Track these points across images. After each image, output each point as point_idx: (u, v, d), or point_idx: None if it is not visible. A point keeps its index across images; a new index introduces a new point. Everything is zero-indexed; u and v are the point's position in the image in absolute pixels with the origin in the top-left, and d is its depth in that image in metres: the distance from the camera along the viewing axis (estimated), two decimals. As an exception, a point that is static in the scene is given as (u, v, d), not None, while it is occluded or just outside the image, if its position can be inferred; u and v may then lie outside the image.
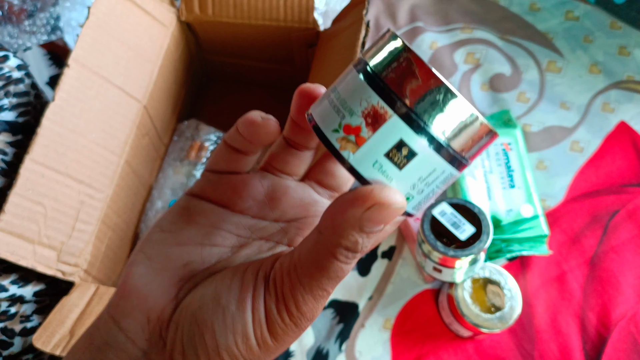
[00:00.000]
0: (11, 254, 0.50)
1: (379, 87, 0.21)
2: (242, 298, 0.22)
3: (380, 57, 0.22)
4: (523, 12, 0.78)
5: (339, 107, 0.22)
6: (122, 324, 0.23)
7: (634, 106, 0.70)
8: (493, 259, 0.62)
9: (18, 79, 0.61)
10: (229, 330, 0.22)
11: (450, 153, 0.21)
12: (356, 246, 0.21)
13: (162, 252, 0.25)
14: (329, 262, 0.21)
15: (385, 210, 0.20)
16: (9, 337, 0.54)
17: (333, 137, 0.21)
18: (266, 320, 0.22)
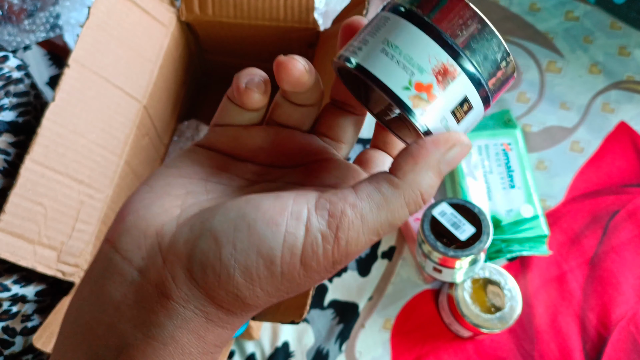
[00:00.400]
0: (11, 254, 0.50)
1: (443, 41, 0.21)
2: (275, 217, 0.20)
3: (449, 15, 0.22)
4: (523, 12, 0.78)
5: (404, 64, 0.22)
6: (118, 244, 0.22)
7: (634, 106, 0.70)
8: (493, 259, 0.62)
9: (18, 79, 0.61)
10: (253, 250, 0.20)
11: (488, 96, 0.23)
12: (432, 190, 0.22)
13: (165, 181, 0.24)
14: (399, 207, 0.21)
15: (464, 149, 0.22)
16: (10, 336, 0.54)
17: (404, 94, 0.21)
18: (303, 248, 0.20)
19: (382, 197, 0.21)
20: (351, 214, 0.21)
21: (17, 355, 0.55)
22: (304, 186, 0.25)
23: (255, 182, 0.25)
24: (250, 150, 0.26)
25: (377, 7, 0.82)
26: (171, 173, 0.24)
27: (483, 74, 0.22)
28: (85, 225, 0.57)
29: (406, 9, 0.22)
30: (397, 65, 0.22)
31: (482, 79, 0.22)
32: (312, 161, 0.26)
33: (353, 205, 0.21)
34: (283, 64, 0.23)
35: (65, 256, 0.54)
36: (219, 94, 0.87)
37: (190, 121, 0.74)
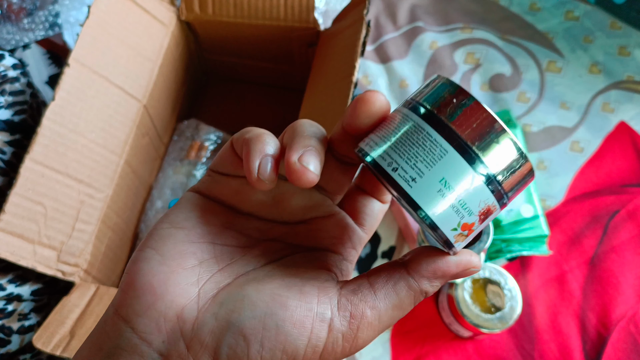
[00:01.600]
0: (11, 254, 0.50)
1: (497, 192, 0.23)
2: (302, 320, 0.22)
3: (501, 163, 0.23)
4: (523, 12, 0.78)
5: (459, 209, 0.23)
6: (135, 324, 0.22)
7: (634, 106, 0.70)
8: (493, 259, 0.62)
9: (14, 78, 0.61)
10: (279, 348, 0.21)
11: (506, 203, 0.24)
12: (429, 292, 0.24)
13: (176, 249, 0.23)
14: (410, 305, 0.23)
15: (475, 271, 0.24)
16: (7, 334, 0.54)
17: (451, 234, 0.23)
18: (324, 346, 0.22)
19: (398, 298, 0.23)
20: (370, 316, 0.22)
21: (14, 354, 0.55)
22: (305, 246, 0.26)
23: (259, 240, 0.26)
24: (252, 205, 0.26)
25: (377, 7, 0.82)
26: (180, 238, 0.24)
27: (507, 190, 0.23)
28: (85, 225, 0.56)
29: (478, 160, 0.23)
30: (452, 210, 0.23)
31: (505, 194, 0.23)
32: (311, 218, 0.27)
33: (372, 307, 0.23)
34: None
35: (65, 256, 0.54)
36: (219, 93, 0.87)
37: (190, 120, 0.74)
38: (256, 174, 0.22)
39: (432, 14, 0.81)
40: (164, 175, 0.70)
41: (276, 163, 0.23)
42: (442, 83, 0.23)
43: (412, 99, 0.24)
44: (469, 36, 0.78)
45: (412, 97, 0.24)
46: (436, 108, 0.23)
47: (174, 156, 0.71)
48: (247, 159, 0.23)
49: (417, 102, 0.23)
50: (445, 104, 0.23)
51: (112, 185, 0.60)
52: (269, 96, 0.79)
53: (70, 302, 0.51)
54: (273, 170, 0.23)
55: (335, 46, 0.60)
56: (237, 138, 0.24)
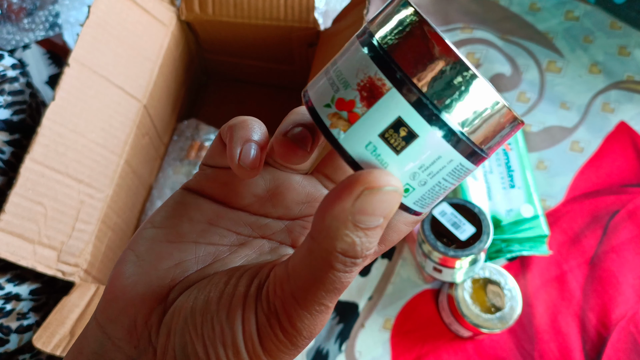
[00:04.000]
0: (11, 254, 0.50)
1: (382, 60, 0.18)
2: (234, 308, 0.19)
3: (387, 27, 0.19)
4: (523, 12, 0.78)
5: (334, 80, 0.19)
6: (108, 330, 0.21)
7: (634, 106, 0.70)
8: (493, 259, 0.62)
9: (13, 78, 0.61)
10: (219, 341, 0.19)
11: (463, 142, 0.19)
12: (354, 248, 0.18)
13: (153, 250, 0.22)
14: (324, 272, 0.18)
15: (377, 195, 0.17)
16: (5, 334, 0.54)
17: (324, 113, 0.19)
18: (258, 335, 0.19)
19: (308, 266, 0.18)
20: (280, 293, 0.19)
21: (12, 354, 0.55)
22: (295, 248, 0.24)
23: (248, 238, 0.24)
24: (243, 198, 0.24)
25: (378, 7, 0.82)
26: (159, 238, 0.23)
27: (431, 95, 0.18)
28: (85, 225, 0.56)
29: (363, 30, 0.20)
30: (328, 83, 0.19)
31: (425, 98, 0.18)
32: (310, 214, 0.25)
33: (282, 282, 0.19)
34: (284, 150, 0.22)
35: (65, 256, 0.54)
36: (219, 93, 0.87)
37: (190, 120, 0.74)
38: (237, 161, 0.21)
39: (432, 14, 0.81)
40: (164, 175, 0.70)
41: (261, 150, 0.22)
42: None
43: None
44: (469, 36, 0.78)
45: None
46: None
47: (174, 156, 0.71)
48: (229, 146, 0.22)
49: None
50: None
51: (112, 185, 0.60)
52: (269, 96, 0.79)
53: (70, 302, 0.51)
54: (257, 157, 0.21)
55: (335, 46, 0.60)
56: (223, 126, 0.23)
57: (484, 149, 0.19)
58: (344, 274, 0.18)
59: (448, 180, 0.20)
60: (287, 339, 0.19)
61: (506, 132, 0.19)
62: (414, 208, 0.20)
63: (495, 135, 0.19)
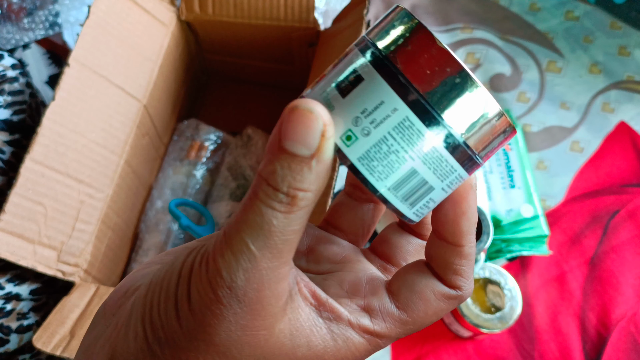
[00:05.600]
0: (11, 254, 0.50)
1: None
2: (179, 258, 0.20)
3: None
4: (523, 12, 0.78)
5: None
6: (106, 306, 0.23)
7: (634, 106, 0.70)
8: (493, 259, 0.62)
9: (12, 78, 0.61)
10: (163, 293, 0.19)
11: (406, 88, 0.18)
12: (274, 177, 0.17)
13: None
14: (249, 202, 0.18)
15: (297, 116, 0.17)
16: (5, 334, 0.54)
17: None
18: (189, 277, 0.19)
19: (242, 205, 0.18)
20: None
21: (12, 354, 0.55)
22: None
23: None
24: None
25: (378, 7, 0.82)
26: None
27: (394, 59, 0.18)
28: (85, 225, 0.56)
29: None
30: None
31: (393, 64, 0.18)
32: (337, 271, 0.24)
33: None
34: None
35: (65, 256, 0.54)
36: (219, 93, 0.87)
37: (190, 120, 0.74)
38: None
39: (432, 13, 0.81)
40: (164, 175, 0.70)
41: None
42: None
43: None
44: (469, 36, 0.78)
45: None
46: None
47: (174, 156, 0.71)
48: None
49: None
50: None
51: (112, 185, 0.60)
52: (269, 96, 0.79)
53: (70, 302, 0.51)
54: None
55: (335, 46, 0.60)
56: None
57: (438, 107, 0.18)
58: (264, 207, 0.18)
59: (397, 139, 0.19)
60: (209, 280, 0.18)
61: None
62: (359, 167, 0.19)
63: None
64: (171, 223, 0.66)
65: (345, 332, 0.20)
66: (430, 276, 0.21)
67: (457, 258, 0.21)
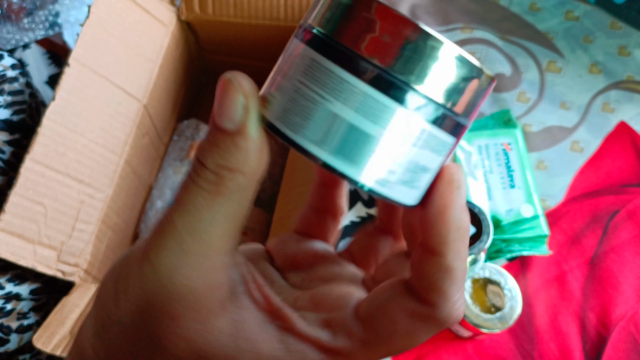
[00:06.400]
0: (11, 254, 0.50)
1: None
2: None
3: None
4: (523, 12, 0.78)
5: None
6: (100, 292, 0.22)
7: (634, 106, 0.70)
8: (493, 259, 0.62)
9: (12, 78, 0.61)
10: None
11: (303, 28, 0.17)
12: (203, 153, 0.17)
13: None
14: (184, 181, 0.17)
15: (223, 88, 0.17)
16: (5, 334, 0.54)
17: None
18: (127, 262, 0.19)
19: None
20: None
21: (12, 354, 0.55)
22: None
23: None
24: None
25: (377, 7, 0.82)
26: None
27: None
28: (85, 225, 0.56)
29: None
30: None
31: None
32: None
33: None
34: None
35: (65, 256, 0.54)
36: (218, 93, 0.86)
37: (190, 120, 0.74)
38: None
39: (432, 13, 0.81)
40: (164, 175, 0.70)
41: None
42: None
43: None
44: (469, 36, 0.78)
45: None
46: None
47: (174, 156, 0.71)
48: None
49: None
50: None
51: (112, 185, 0.60)
52: (269, 96, 0.79)
53: (70, 302, 0.51)
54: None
55: (335, 46, 0.60)
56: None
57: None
58: (194, 187, 0.17)
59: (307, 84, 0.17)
60: (140, 265, 0.18)
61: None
62: (278, 125, 0.17)
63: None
64: (171, 223, 0.66)
65: (298, 346, 0.18)
66: (402, 292, 0.18)
67: (434, 269, 0.17)
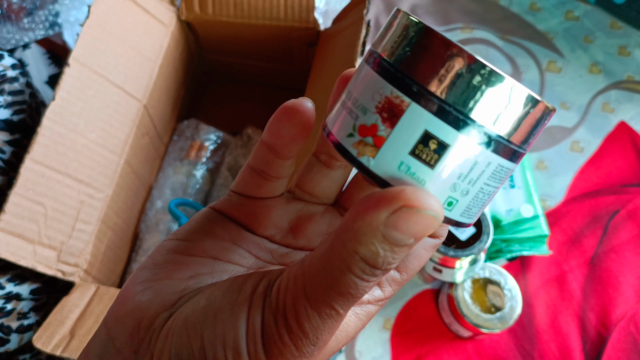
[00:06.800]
0: (11, 254, 0.50)
1: (394, 76, 0.18)
2: (238, 305, 0.19)
3: (393, 43, 0.18)
4: (523, 12, 0.78)
5: (352, 109, 0.19)
6: (112, 332, 0.21)
7: (634, 106, 0.70)
8: (493, 259, 0.62)
9: (13, 78, 0.61)
10: (219, 342, 0.18)
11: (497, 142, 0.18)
12: (375, 258, 0.17)
13: (170, 259, 0.22)
14: (341, 273, 0.17)
15: (415, 215, 0.16)
16: (6, 333, 0.54)
17: (349, 143, 0.18)
18: (262, 335, 0.18)
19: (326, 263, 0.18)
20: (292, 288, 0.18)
21: (13, 354, 0.55)
22: None
23: (267, 264, 0.24)
24: (266, 229, 0.24)
25: (377, 7, 0.82)
26: (180, 249, 0.23)
27: (454, 101, 0.17)
28: (85, 225, 0.56)
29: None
30: (346, 113, 0.19)
31: (453, 108, 0.17)
32: None
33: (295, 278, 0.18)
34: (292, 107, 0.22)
35: (65, 256, 0.54)
36: (219, 93, 0.87)
37: (190, 120, 0.74)
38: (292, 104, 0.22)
39: (432, 13, 0.81)
40: (164, 175, 0.70)
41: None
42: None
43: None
44: (469, 36, 0.78)
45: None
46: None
47: (174, 156, 0.71)
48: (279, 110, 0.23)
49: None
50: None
51: (112, 185, 0.60)
52: (269, 96, 0.79)
53: (70, 302, 0.51)
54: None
55: (335, 46, 0.60)
56: (252, 152, 0.24)
57: (521, 145, 0.18)
58: (360, 281, 0.17)
59: (490, 184, 0.19)
60: (292, 342, 0.18)
61: (539, 123, 0.19)
62: (462, 220, 0.19)
63: (529, 128, 0.18)
64: (171, 223, 0.66)
65: (365, 308, 0.23)
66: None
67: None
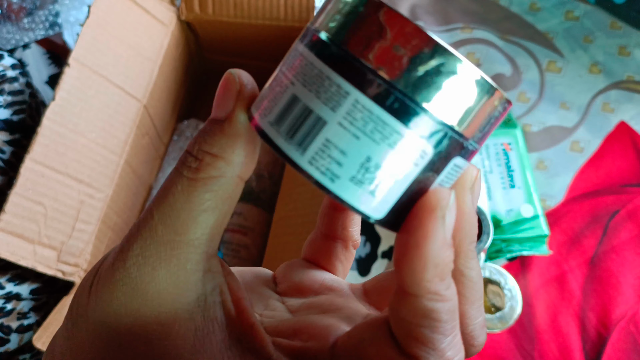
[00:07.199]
0: (11, 254, 0.50)
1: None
2: None
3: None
4: (523, 12, 0.78)
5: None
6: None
7: (634, 106, 0.70)
8: (493, 259, 0.62)
9: (12, 78, 0.61)
10: None
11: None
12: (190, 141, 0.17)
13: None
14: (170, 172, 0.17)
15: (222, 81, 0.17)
16: (6, 333, 0.54)
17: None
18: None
19: None
20: None
21: (12, 354, 0.55)
22: None
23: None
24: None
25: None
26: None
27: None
28: (85, 225, 0.56)
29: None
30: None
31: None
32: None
33: None
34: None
35: (65, 256, 0.54)
36: (218, 93, 0.86)
37: (190, 120, 0.74)
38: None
39: (432, 13, 0.81)
40: (164, 175, 0.70)
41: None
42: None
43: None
44: (469, 36, 0.78)
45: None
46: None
47: (174, 156, 0.71)
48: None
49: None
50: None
51: (112, 185, 0.60)
52: (269, 96, 0.79)
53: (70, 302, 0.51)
54: None
55: (336, 46, 0.60)
56: None
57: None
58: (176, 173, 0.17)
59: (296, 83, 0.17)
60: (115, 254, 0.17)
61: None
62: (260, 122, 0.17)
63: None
64: (171, 223, 0.66)
65: None
66: (385, 334, 0.16)
67: (412, 314, 0.15)
